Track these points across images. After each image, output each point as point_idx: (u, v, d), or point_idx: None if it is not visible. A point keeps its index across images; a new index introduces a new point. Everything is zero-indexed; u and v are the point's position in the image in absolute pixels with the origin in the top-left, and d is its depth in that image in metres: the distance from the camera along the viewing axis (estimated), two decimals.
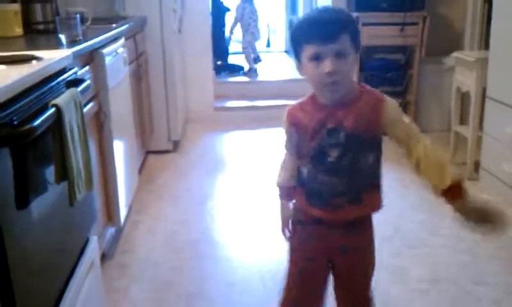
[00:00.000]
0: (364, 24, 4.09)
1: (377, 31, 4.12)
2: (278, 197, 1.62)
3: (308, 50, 1.35)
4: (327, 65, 1.32)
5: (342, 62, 1.33)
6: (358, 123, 1.38)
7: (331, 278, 1.60)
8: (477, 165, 3.41)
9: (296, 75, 1.51)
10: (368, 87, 1.46)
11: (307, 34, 1.36)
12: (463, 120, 3.75)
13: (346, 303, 1.61)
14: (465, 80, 3.49)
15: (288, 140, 1.52)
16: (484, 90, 3.32)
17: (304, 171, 1.48)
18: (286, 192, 1.59)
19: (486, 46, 3.70)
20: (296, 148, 1.50)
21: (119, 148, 2.56)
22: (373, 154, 1.42)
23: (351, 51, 1.35)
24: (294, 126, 1.47)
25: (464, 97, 3.66)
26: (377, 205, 1.48)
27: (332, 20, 1.35)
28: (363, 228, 1.53)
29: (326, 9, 1.46)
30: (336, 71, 1.32)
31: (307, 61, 1.36)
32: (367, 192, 1.45)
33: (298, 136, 1.47)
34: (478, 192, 3.21)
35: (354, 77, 1.22)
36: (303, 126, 1.44)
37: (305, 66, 1.38)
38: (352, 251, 1.51)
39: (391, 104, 1.41)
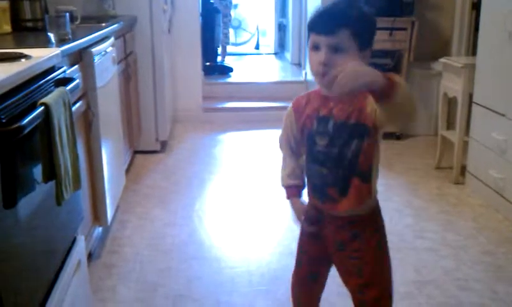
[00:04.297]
0: None
1: None
2: (286, 198, 1.63)
3: (311, 39, 1.41)
4: (321, 55, 1.36)
5: (337, 56, 1.35)
6: (346, 111, 1.41)
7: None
8: (463, 170, 3.44)
9: (284, 77, 1.56)
10: None
11: (311, 24, 1.42)
12: (449, 125, 3.78)
13: (354, 298, 1.58)
14: (452, 85, 3.52)
15: (288, 134, 1.56)
16: (470, 96, 3.36)
17: (305, 163, 1.53)
18: (288, 192, 1.61)
19: (474, 52, 3.75)
20: (294, 140, 1.55)
21: (106, 148, 2.55)
22: (356, 142, 1.42)
23: (351, 47, 1.36)
24: (297, 113, 1.52)
25: (451, 102, 3.70)
26: (363, 197, 1.48)
27: (334, 14, 1.39)
28: (363, 232, 1.52)
29: (337, 3, 1.44)
30: (328, 64, 1.35)
31: (310, 49, 1.41)
32: (353, 182, 1.45)
33: (298, 124, 1.51)
34: (465, 196, 3.25)
35: None
36: (303, 113, 1.49)
37: (309, 53, 1.43)
38: (349, 250, 1.52)
39: None
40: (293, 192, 1.61)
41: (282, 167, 1.63)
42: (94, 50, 2.37)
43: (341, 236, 1.52)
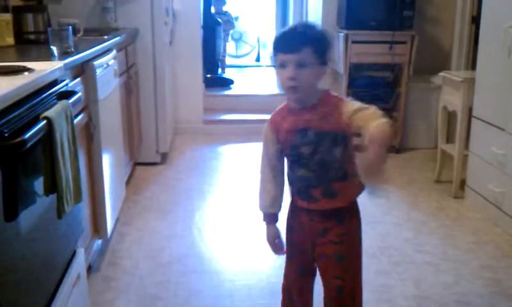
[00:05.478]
0: (353, 42, 4.13)
1: (366, 49, 4.16)
2: (262, 220, 1.79)
3: (278, 59, 1.58)
4: (288, 72, 1.54)
5: (302, 71, 1.54)
6: (323, 122, 1.58)
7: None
8: (462, 184, 3.45)
9: None
10: (334, 93, 1.65)
11: (277, 45, 1.59)
12: (449, 139, 3.80)
13: (330, 288, 1.70)
14: (452, 99, 3.54)
15: (268, 151, 1.72)
16: (470, 109, 3.37)
17: (289, 171, 1.70)
18: (269, 218, 1.77)
19: (473, 66, 3.76)
20: (275, 155, 1.71)
21: (107, 160, 2.56)
22: (339, 148, 1.60)
23: (313, 62, 1.55)
24: (276, 132, 1.66)
25: (450, 116, 3.71)
26: (350, 195, 1.67)
27: (297, 35, 1.57)
28: (346, 218, 1.68)
29: (296, 26, 1.63)
30: (295, 78, 1.54)
31: (277, 67, 1.59)
32: (337, 183, 1.63)
33: (279, 140, 1.66)
34: (464, 210, 3.26)
35: (325, 86, 1.56)
36: (282, 129, 1.64)
37: (277, 71, 1.60)
38: (333, 234, 1.66)
39: (349, 102, 1.59)
40: (271, 219, 1.77)
41: (261, 193, 1.80)
42: (96, 63, 2.39)
43: (325, 224, 1.66)
